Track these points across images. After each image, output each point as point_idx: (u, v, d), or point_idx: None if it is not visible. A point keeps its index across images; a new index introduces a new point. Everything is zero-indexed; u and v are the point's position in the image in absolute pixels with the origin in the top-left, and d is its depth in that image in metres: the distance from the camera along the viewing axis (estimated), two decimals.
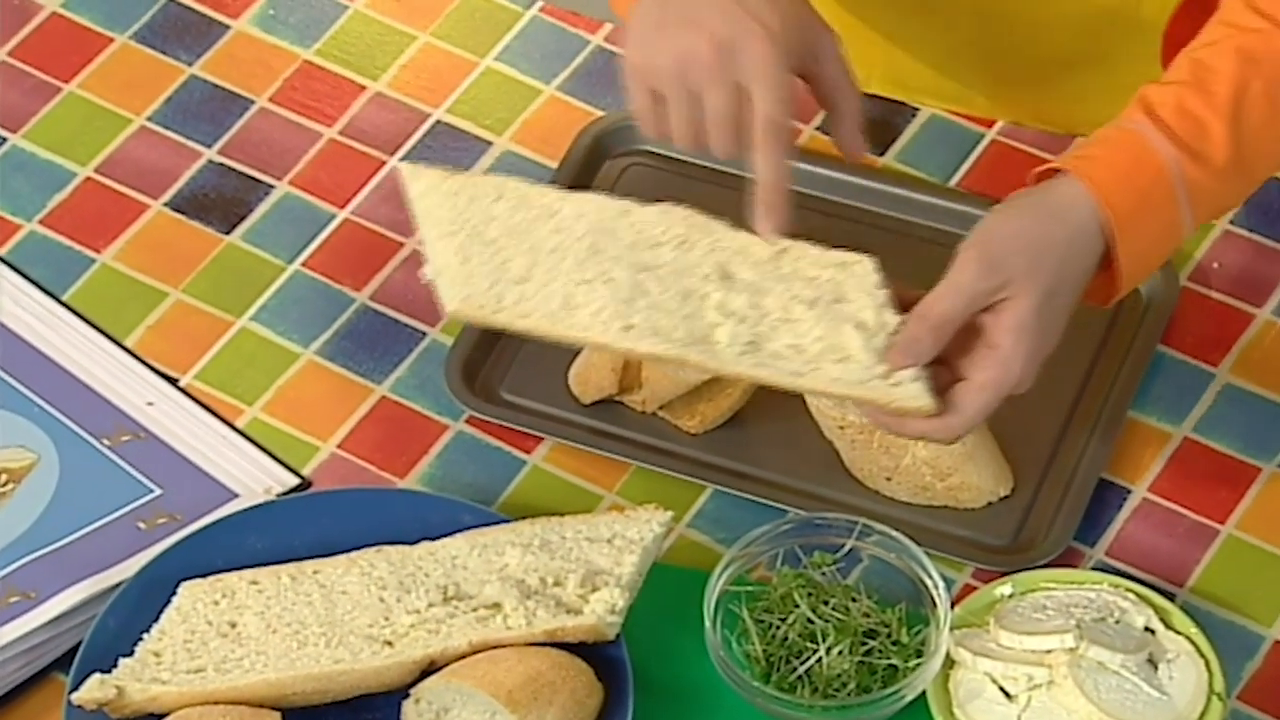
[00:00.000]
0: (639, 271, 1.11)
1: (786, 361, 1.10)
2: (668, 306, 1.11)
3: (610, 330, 1.10)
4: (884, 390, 1.09)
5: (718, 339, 1.10)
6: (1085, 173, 1.12)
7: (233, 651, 1.14)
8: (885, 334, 1.11)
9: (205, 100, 1.38)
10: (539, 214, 1.13)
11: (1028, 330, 1.10)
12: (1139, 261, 1.13)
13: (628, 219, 1.13)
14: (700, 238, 1.13)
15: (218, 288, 1.31)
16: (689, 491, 1.22)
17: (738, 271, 1.12)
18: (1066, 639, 1.13)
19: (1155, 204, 1.12)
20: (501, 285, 1.12)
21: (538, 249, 1.12)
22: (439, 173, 1.15)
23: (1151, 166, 1.12)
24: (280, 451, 1.24)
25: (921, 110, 1.37)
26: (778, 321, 1.11)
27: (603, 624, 1.13)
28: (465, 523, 1.18)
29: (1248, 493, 1.22)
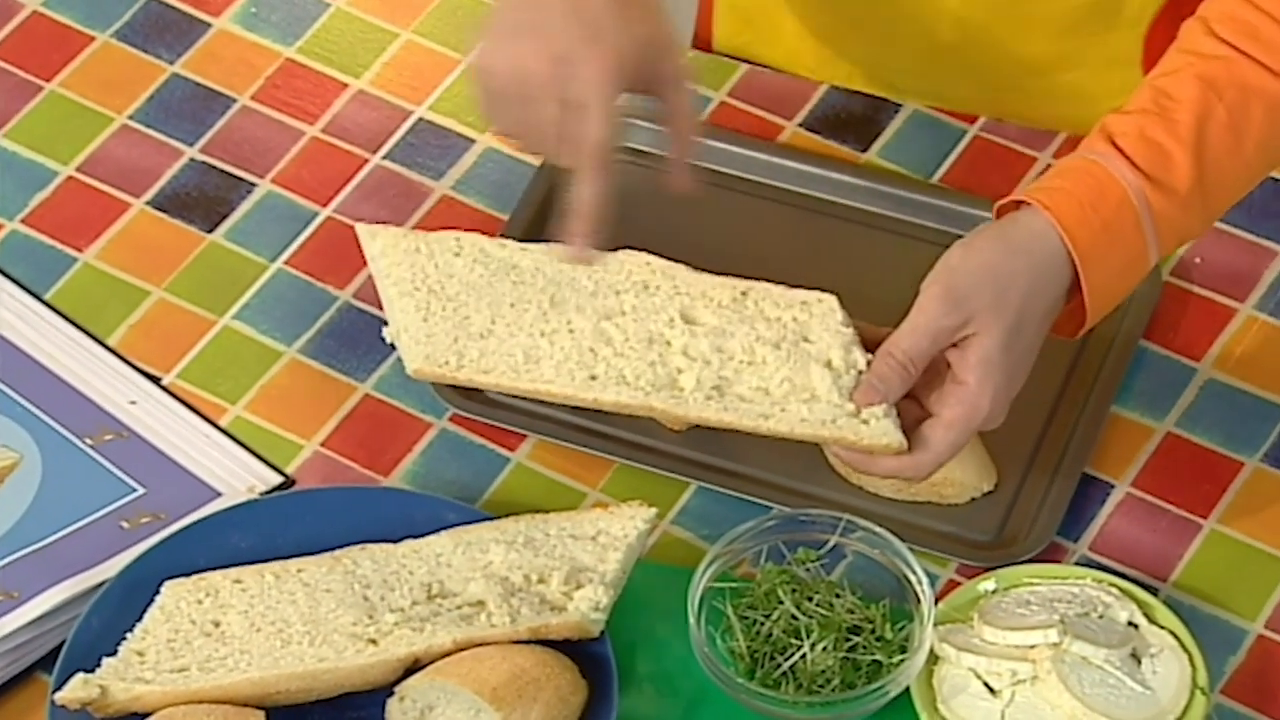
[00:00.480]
0: (601, 319, 1.12)
1: (753, 405, 1.11)
2: (631, 354, 1.11)
3: (575, 381, 1.11)
4: (853, 428, 1.10)
5: (683, 384, 1.11)
6: (1049, 204, 1.12)
7: (216, 650, 1.14)
8: (853, 372, 1.12)
9: (187, 99, 1.37)
10: (498, 268, 1.14)
11: (994, 366, 1.10)
12: (1106, 292, 1.13)
13: (587, 267, 1.14)
14: (661, 282, 1.14)
15: (200, 286, 1.30)
16: (673, 488, 1.22)
17: (700, 315, 1.13)
18: (1050, 634, 1.13)
19: (1120, 233, 1.12)
20: (463, 342, 1.13)
21: (498, 303, 1.13)
22: (396, 231, 1.17)
23: (1114, 196, 1.12)
24: (263, 450, 1.24)
25: (904, 106, 1.37)
26: (742, 364, 1.11)
27: (587, 621, 1.13)
28: (449, 521, 1.18)
29: (1230, 487, 1.22)
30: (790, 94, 1.37)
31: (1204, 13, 1.15)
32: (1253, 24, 1.13)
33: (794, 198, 1.32)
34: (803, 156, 1.34)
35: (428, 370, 1.13)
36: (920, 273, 1.15)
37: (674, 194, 1.17)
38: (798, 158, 1.34)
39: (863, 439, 1.10)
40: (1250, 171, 1.15)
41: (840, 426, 1.10)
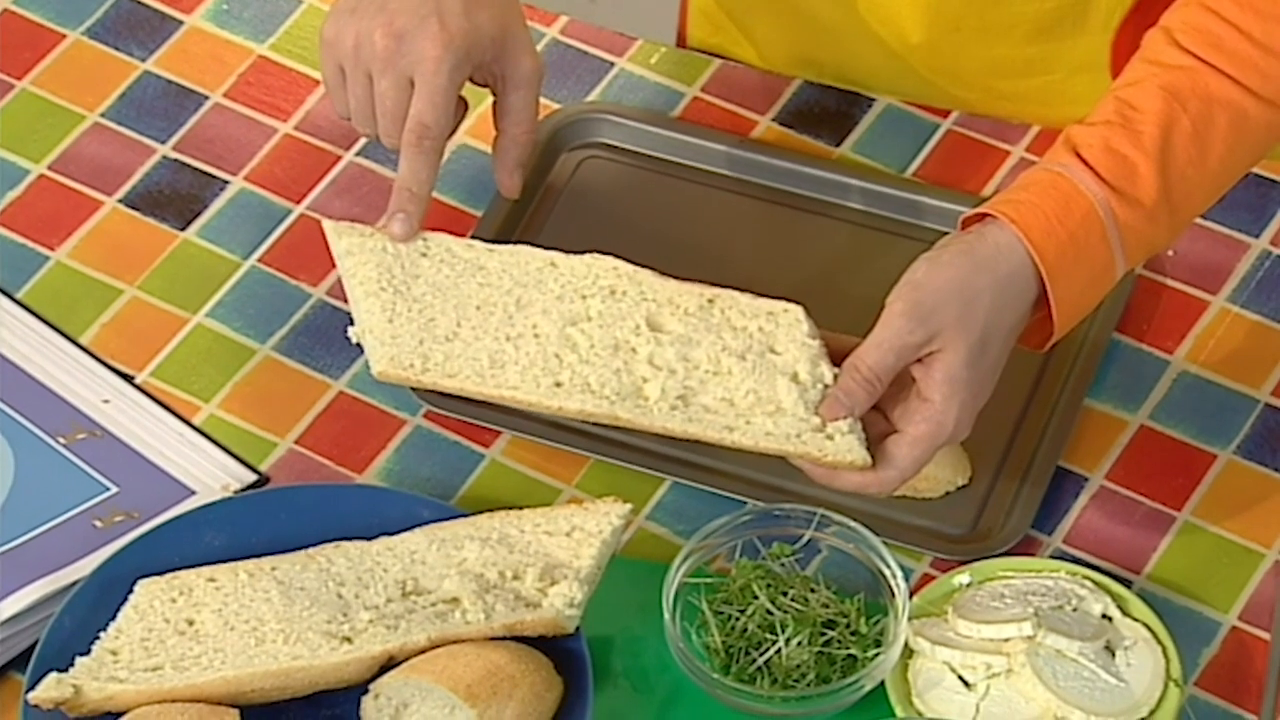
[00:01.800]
0: (567, 325, 1.12)
1: (718, 416, 1.10)
2: (597, 361, 1.11)
3: (540, 387, 1.11)
4: (818, 444, 1.10)
5: (648, 394, 1.11)
6: (1015, 218, 1.12)
7: (190, 649, 1.13)
8: (819, 386, 1.11)
9: (159, 96, 1.37)
10: (465, 269, 1.14)
11: (959, 382, 1.10)
12: (1073, 304, 1.13)
13: (554, 270, 1.13)
14: (628, 288, 1.13)
15: (173, 284, 1.30)
16: (648, 484, 1.22)
17: (666, 323, 1.12)
18: (1024, 627, 1.13)
19: (1087, 246, 1.12)
20: (428, 344, 1.12)
21: (464, 305, 1.13)
22: (363, 229, 1.16)
23: (1080, 209, 1.11)
24: (237, 448, 1.24)
25: (877, 101, 1.37)
26: (708, 374, 1.11)
27: (561, 617, 1.13)
28: (423, 518, 1.18)
29: (1204, 479, 1.23)
30: (763, 89, 1.37)
31: (1167, 22, 1.15)
32: (1216, 34, 1.13)
33: (767, 192, 1.32)
34: (776, 151, 1.34)
35: (392, 373, 1.13)
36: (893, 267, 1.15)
37: (499, 191, 1.20)
38: (771, 152, 1.34)
39: (827, 454, 1.10)
40: (1216, 182, 1.15)
41: (805, 442, 1.10)
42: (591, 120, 1.35)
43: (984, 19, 1.32)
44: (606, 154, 1.35)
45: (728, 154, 1.34)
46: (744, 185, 1.33)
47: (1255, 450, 1.23)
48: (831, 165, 1.34)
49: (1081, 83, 1.33)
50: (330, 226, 1.17)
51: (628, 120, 1.35)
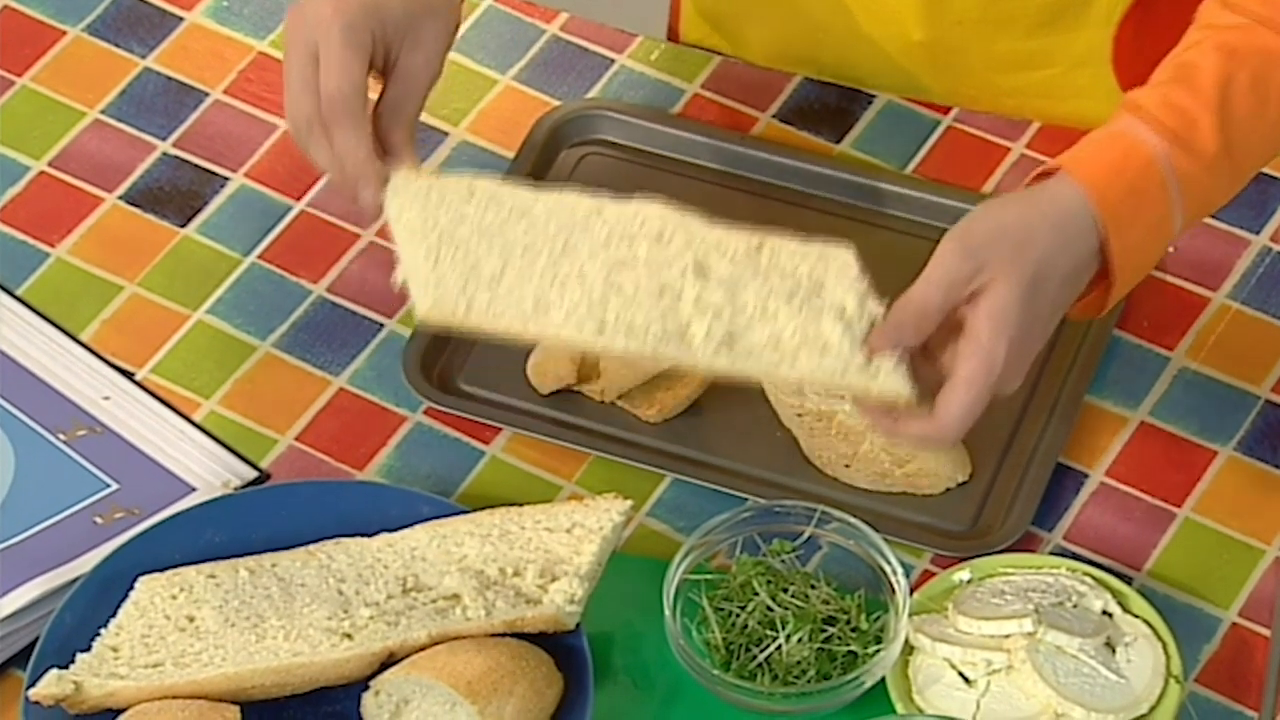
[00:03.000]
0: (613, 268, 1.10)
1: (763, 355, 1.09)
2: (642, 302, 1.09)
3: (584, 329, 1.09)
4: (863, 379, 1.08)
5: (693, 334, 1.09)
6: (1074, 169, 1.11)
7: (191, 646, 1.13)
8: (866, 322, 1.09)
9: (159, 93, 1.37)
10: (511, 213, 1.12)
11: (1008, 319, 1.08)
12: (1133, 258, 1.12)
13: (601, 215, 1.12)
14: (676, 232, 1.11)
15: (173, 281, 1.30)
16: (648, 480, 1.22)
17: (714, 266, 1.10)
18: (1025, 623, 1.13)
19: (1145, 197, 1.11)
20: (473, 287, 1.10)
21: (510, 249, 1.11)
22: (408, 173, 1.15)
23: (1140, 158, 1.11)
24: (238, 444, 1.24)
25: (877, 97, 1.37)
26: (755, 316, 1.09)
27: (562, 614, 1.13)
28: (424, 514, 1.18)
29: (1204, 476, 1.23)
30: (763, 86, 1.37)
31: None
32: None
33: (767, 189, 1.32)
34: (776, 148, 1.34)
35: (437, 317, 1.10)
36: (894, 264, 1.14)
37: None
38: (771, 149, 1.34)
39: (872, 390, 1.08)
40: (1275, 134, 1.14)
41: (850, 377, 1.08)
42: (591, 117, 1.35)
43: (985, 13, 1.32)
44: (606, 150, 1.35)
45: (728, 151, 1.34)
46: (744, 182, 1.33)
47: (1255, 446, 1.23)
48: (831, 162, 1.34)
49: (1083, 76, 1.33)
50: None
51: (628, 117, 1.35)
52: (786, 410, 1.21)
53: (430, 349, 1.27)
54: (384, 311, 1.29)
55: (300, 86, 1.13)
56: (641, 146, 1.34)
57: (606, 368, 1.24)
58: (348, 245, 1.32)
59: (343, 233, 1.32)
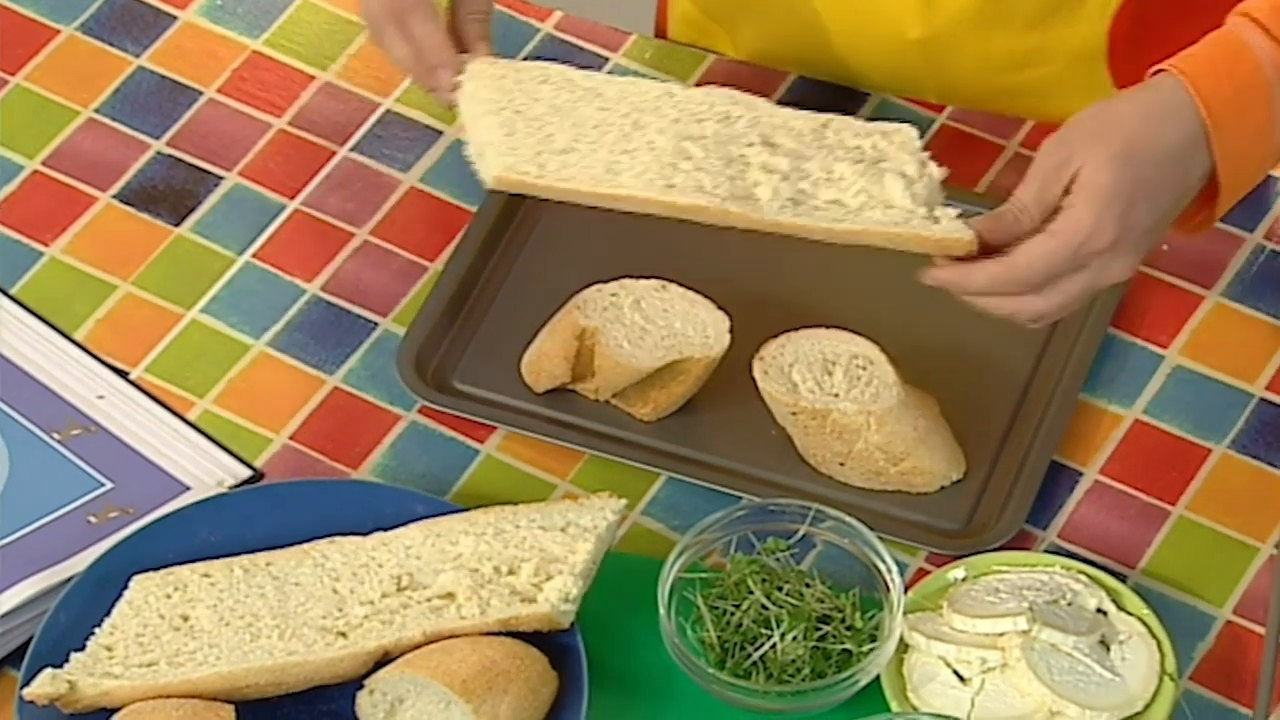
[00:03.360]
0: (682, 139, 1.14)
1: (827, 212, 1.12)
2: (710, 167, 1.13)
3: (653, 188, 1.12)
4: (924, 227, 1.11)
5: (759, 195, 1.12)
6: (1180, 67, 1.13)
7: (185, 645, 1.13)
8: (926, 179, 1.13)
9: (153, 92, 1.37)
10: (584, 94, 1.16)
11: (1097, 189, 1.10)
12: (1236, 163, 1.13)
13: (671, 98, 1.16)
14: (743, 112, 1.15)
15: (168, 280, 1.30)
16: (643, 479, 1.22)
17: (781, 140, 1.15)
18: (1019, 621, 1.13)
19: (1250, 103, 1.13)
20: (545, 155, 1.14)
21: (582, 124, 1.15)
22: (484, 60, 1.18)
23: (1248, 63, 1.12)
24: (232, 444, 1.24)
25: (872, 96, 1.37)
26: (820, 179, 1.13)
27: (556, 612, 1.13)
28: (418, 513, 1.18)
29: (1198, 474, 1.23)
30: (757, 84, 1.37)
31: None
32: None
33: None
34: None
35: (508, 178, 1.13)
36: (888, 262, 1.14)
37: None
38: None
39: (934, 235, 1.10)
40: None
41: (913, 226, 1.11)
42: None
43: (982, 10, 1.32)
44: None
45: None
46: None
47: (1250, 445, 1.23)
48: None
49: (1079, 73, 1.34)
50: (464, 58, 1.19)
51: None
52: (781, 409, 1.22)
53: (424, 348, 1.27)
54: (378, 310, 1.29)
55: None
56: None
57: (601, 366, 1.24)
58: (342, 244, 1.32)
59: (337, 231, 1.32)
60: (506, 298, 1.29)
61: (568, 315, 1.25)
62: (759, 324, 1.24)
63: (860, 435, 1.20)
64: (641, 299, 1.24)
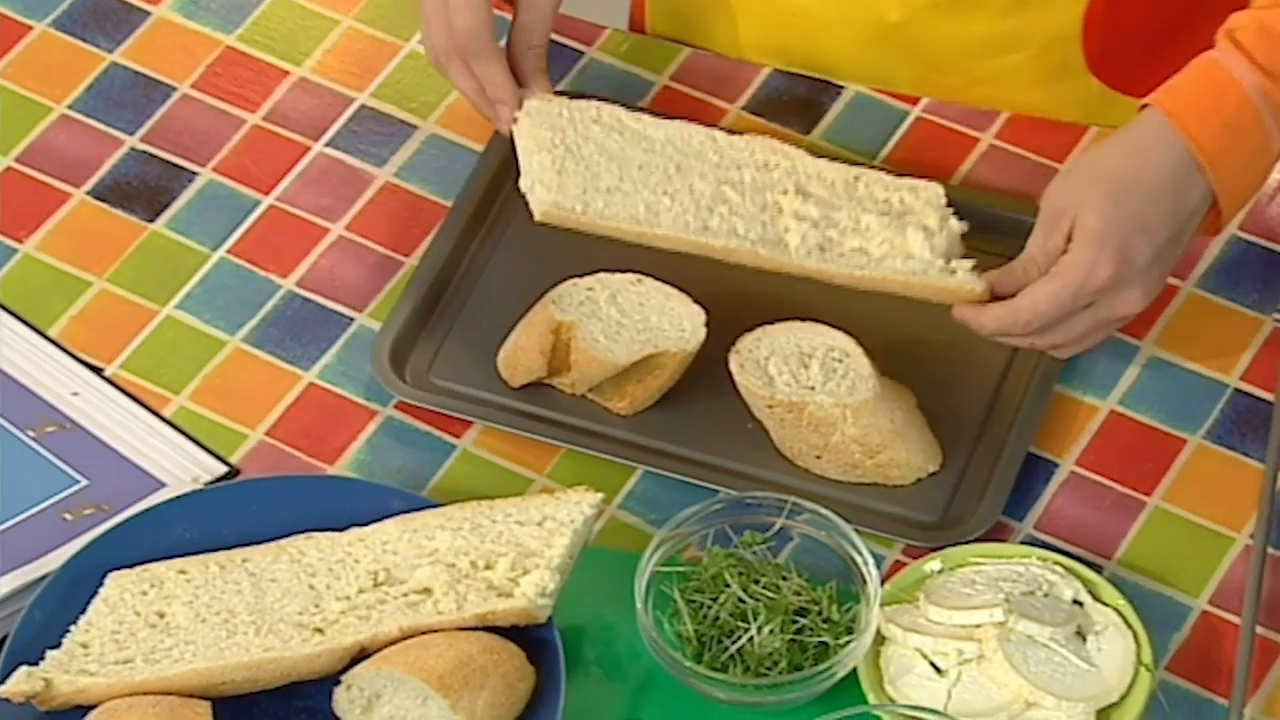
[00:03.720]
0: (720, 185, 1.22)
1: (851, 259, 1.20)
2: (746, 213, 1.21)
3: (689, 229, 1.21)
4: (940, 278, 1.19)
5: (789, 241, 1.20)
6: (1167, 107, 1.17)
7: (161, 642, 1.13)
8: (945, 232, 1.20)
9: (127, 88, 1.36)
10: (632, 137, 1.25)
11: (1093, 229, 1.15)
12: (1237, 184, 1.18)
13: (714, 144, 1.25)
14: (781, 161, 1.24)
15: (142, 276, 1.30)
16: (619, 473, 1.22)
17: (814, 190, 1.23)
18: (995, 613, 1.13)
19: (1242, 130, 1.16)
20: (590, 193, 1.22)
21: (627, 165, 1.23)
22: (542, 96, 1.26)
23: (1235, 96, 1.16)
24: (207, 440, 1.23)
25: (846, 88, 1.37)
26: (847, 229, 1.21)
27: (534, 607, 1.13)
28: (395, 508, 1.18)
29: (1174, 464, 1.23)
30: (732, 77, 1.37)
31: None
32: None
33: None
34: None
35: (555, 214, 1.22)
36: None
37: None
38: None
39: (949, 285, 1.19)
40: None
41: (930, 277, 1.19)
42: None
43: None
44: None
45: None
46: None
47: (1225, 435, 1.24)
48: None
49: (1054, 58, 1.34)
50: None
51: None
52: (757, 402, 1.21)
53: (400, 343, 1.26)
54: (354, 306, 1.29)
55: (435, 21, 1.24)
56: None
57: (577, 360, 1.24)
58: (317, 239, 1.31)
59: (312, 227, 1.32)
60: (482, 292, 1.29)
61: (543, 310, 1.25)
62: (735, 318, 1.23)
63: (836, 428, 1.20)
64: (617, 293, 1.24)
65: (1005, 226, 1.28)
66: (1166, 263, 1.18)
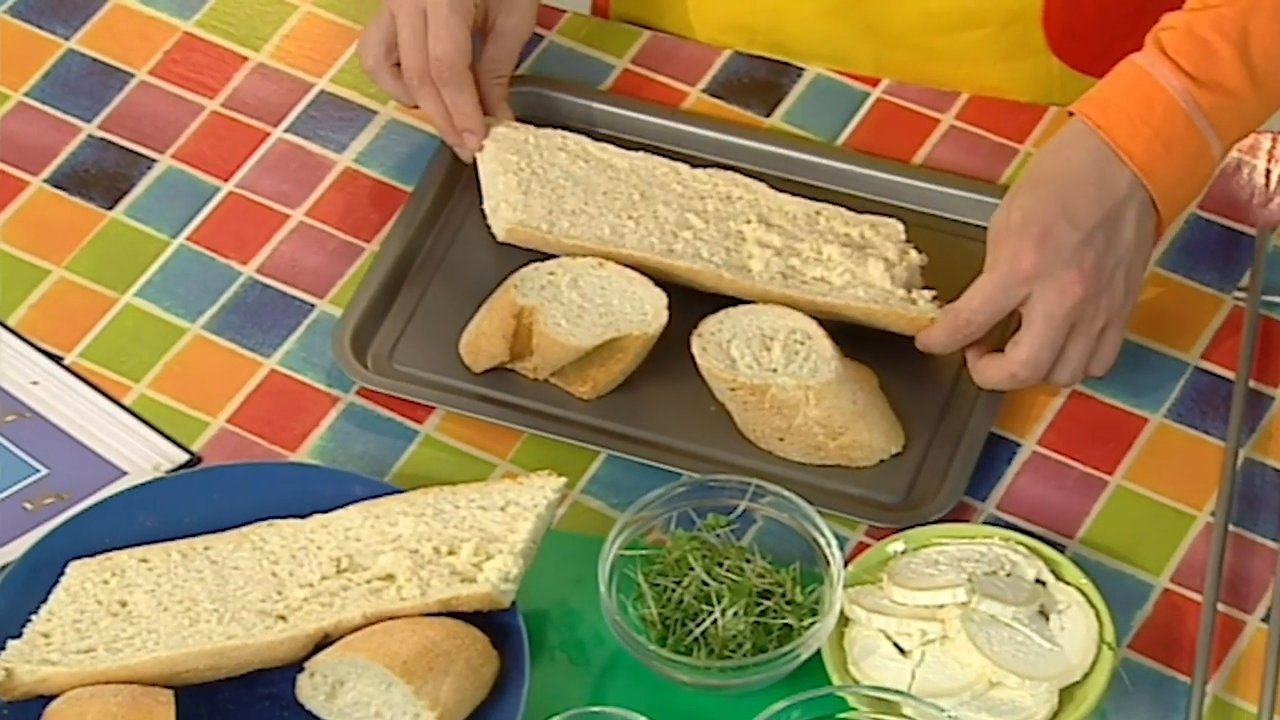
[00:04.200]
0: (685, 212, 1.25)
1: (814, 287, 1.22)
2: (710, 238, 1.23)
3: (654, 251, 1.23)
4: (902, 307, 1.21)
5: (753, 268, 1.22)
6: (1096, 119, 1.17)
7: (123, 630, 1.13)
8: (906, 262, 1.22)
9: (84, 74, 1.36)
10: (597, 165, 1.26)
11: (1012, 222, 1.16)
12: (1175, 190, 1.18)
13: (678, 175, 1.27)
14: (743, 194, 1.26)
15: (101, 264, 1.29)
16: (582, 457, 1.22)
17: (777, 222, 1.25)
18: (958, 593, 1.13)
19: (1174, 138, 1.16)
20: (556, 214, 1.24)
21: (592, 191, 1.25)
22: (509, 124, 1.28)
23: (1162, 104, 1.16)
24: (168, 428, 1.23)
25: (807, 70, 1.36)
26: (810, 257, 1.23)
27: (497, 592, 1.12)
28: (357, 495, 1.17)
29: (1135, 443, 1.23)
30: (693, 60, 1.37)
31: None
32: None
33: (699, 164, 1.32)
34: (707, 122, 1.33)
35: (519, 232, 1.24)
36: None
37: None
38: (702, 123, 1.33)
39: (909, 314, 1.20)
40: None
41: (891, 305, 1.21)
42: (521, 94, 1.34)
43: None
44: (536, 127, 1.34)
45: (658, 126, 1.33)
46: (675, 157, 1.32)
47: (1186, 413, 1.24)
48: (762, 135, 1.33)
49: (1013, 35, 1.34)
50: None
51: (557, 94, 1.35)
52: (719, 385, 1.21)
53: (362, 329, 1.26)
54: (315, 292, 1.29)
55: (412, 46, 1.26)
56: (572, 123, 1.33)
57: (539, 345, 1.24)
58: (277, 226, 1.31)
59: (272, 213, 1.31)
60: (444, 277, 1.28)
61: (505, 294, 1.24)
62: (697, 301, 1.23)
63: (799, 410, 1.20)
64: (579, 277, 1.24)
65: (965, 208, 1.28)
66: (1106, 249, 1.17)
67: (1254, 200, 1.31)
